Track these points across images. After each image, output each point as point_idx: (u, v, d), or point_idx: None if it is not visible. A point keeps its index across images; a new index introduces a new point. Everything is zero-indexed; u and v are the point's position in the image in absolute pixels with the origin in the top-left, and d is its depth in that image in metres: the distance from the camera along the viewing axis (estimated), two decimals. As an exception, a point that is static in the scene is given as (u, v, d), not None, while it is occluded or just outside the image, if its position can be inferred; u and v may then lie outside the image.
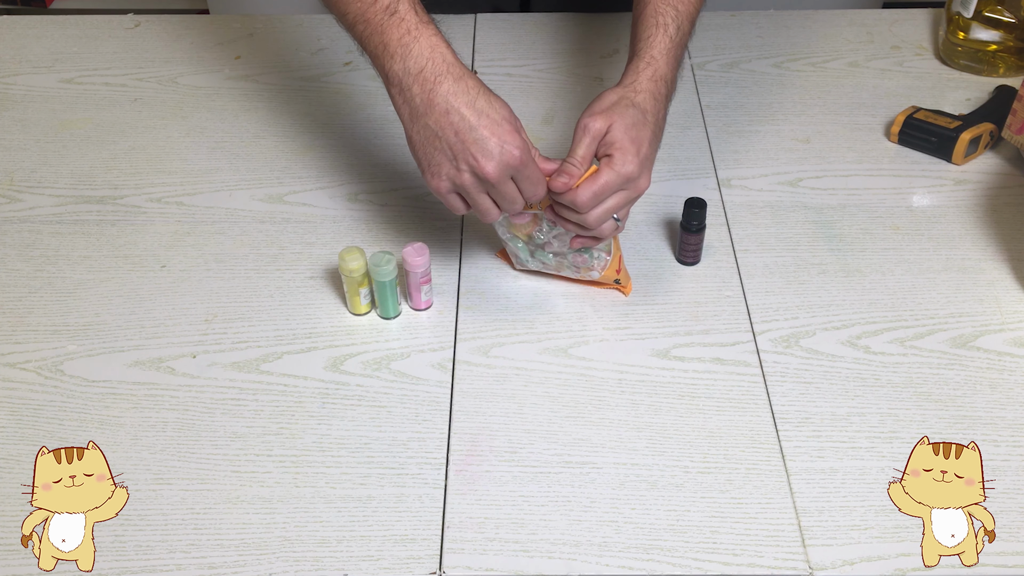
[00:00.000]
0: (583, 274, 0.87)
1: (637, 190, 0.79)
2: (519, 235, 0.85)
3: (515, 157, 0.73)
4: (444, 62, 0.74)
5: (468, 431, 0.77)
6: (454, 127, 0.73)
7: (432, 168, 0.76)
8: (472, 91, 0.73)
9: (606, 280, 0.87)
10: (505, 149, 0.73)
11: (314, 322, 0.86)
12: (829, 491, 0.73)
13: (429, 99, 0.73)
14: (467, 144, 0.73)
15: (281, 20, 1.27)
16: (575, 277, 0.88)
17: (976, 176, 1.01)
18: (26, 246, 0.94)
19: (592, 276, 0.86)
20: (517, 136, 0.74)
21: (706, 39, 1.22)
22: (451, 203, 0.78)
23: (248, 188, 1.01)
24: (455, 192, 0.77)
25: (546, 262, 0.86)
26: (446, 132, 0.73)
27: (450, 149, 0.74)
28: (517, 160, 0.73)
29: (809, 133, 1.07)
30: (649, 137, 0.78)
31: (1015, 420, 0.77)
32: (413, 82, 0.74)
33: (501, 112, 0.74)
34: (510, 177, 0.74)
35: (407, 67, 0.74)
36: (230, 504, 0.72)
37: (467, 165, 0.73)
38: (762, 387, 0.80)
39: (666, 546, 0.69)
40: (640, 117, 0.78)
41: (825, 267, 0.91)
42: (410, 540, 0.70)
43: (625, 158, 0.76)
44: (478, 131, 0.72)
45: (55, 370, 0.82)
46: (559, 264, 0.86)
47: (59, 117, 1.11)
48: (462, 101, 0.73)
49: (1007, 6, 1.12)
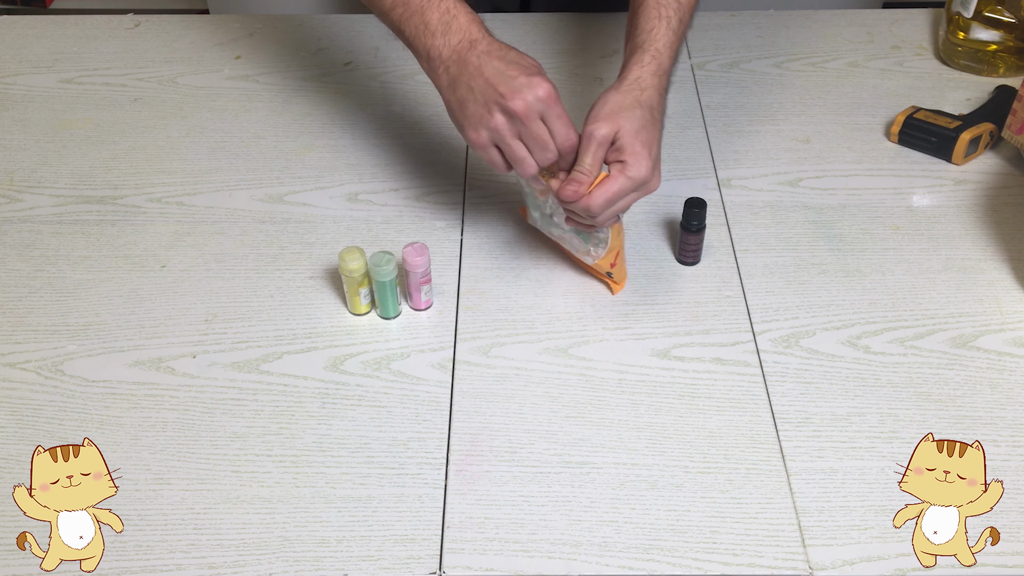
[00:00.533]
0: (581, 255, 0.87)
1: (648, 190, 0.79)
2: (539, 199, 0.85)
3: (543, 91, 0.74)
4: (480, 32, 0.79)
5: (468, 431, 0.77)
6: (485, 77, 0.76)
7: (468, 121, 0.78)
8: (504, 48, 0.78)
9: (599, 269, 0.87)
10: (533, 83, 0.74)
11: (314, 322, 0.86)
12: (829, 491, 0.73)
13: (465, 61, 0.78)
14: (496, 86, 0.75)
15: (281, 20, 1.27)
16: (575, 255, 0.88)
17: (976, 176, 1.01)
18: (26, 246, 0.94)
19: (586, 260, 0.87)
20: (545, 78, 0.75)
21: (706, 39, 1.22)
22: (491, 157, 0.79)
23: (248, 188, 1.01)
24: (493, 145, 0.78)
25: (553, 232, 0.87)
26: (478, 83, 0.76)
27: (482, 96, 0.76)
28: (545, 94, 0.74)
29: (809, 133, 1.07)
30: (658, 137, 0.79)
31: (1015, 420, 0.77)
32: (452, 52, 0.79)
33: (531, 61, 0.77)
34: (540, 117, 0.75)
35: (448, 41, 0.79)
36: (230, 504, 0.72)
37: (497, 105, 0.75)
38: (762, 387, 0.80)
39: (666, 546, 0.69)
40: (648, 117, 0.78)
41: (825, 267, 0.91)
42: (410, 540, 0.70)
43: (639, 163, 0.77)
44: (507, 73, 0.75)
45: (55, 370, 0.82)
46: (561, 239, 0.87)
47: (59, 117, 1.11)
48: (495, 56, 0.77)
49: (1007, 6, 1.12)
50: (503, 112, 0.75)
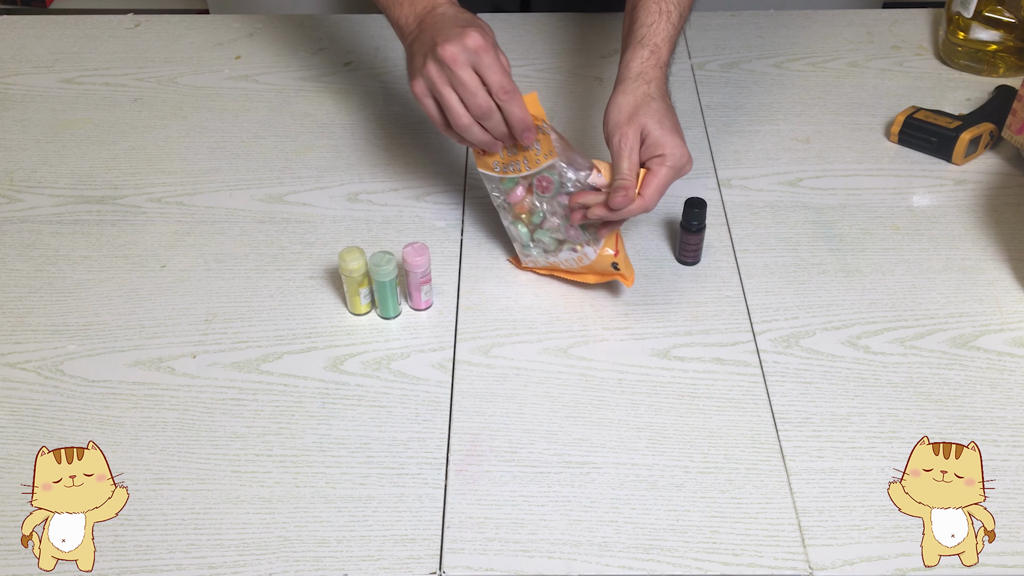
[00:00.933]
0: (579, 258, 0.85)
1: (686, 172, 0.81)
2: (521, 220, 0.85)
3: (473, 41, 0.75)
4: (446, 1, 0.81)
5: (468, 431, 0.77)
6: (430, 32, 0.78)
7: (410, 72, 0.80)
8: (459, 11, 0.80)
9: (602, 264, 0.84)
10: (465, 32, 0.75)
11: (314, 322, 0.86)
12: (829, 491, 0.73)
13: (423, 24, 0.81)
14: (434, 36, 0.77)
15: (281, 20, 1.27)
16: (574, 269, 0.87)
17: (976, 176, 1.01)
18: (26, 246, 0.94)
19: (588, 256, 0.84)
20: (481, 30, 0.76)
21: (706, 39, 1.22)
22: (426, 107, 0.80)
23: (248, 188, 1.01)
24: (430, 95, 0.79)
25: (546, 244, 0.86)
26: (423, 37, 0.79)
27: (421, 48, 0.79)
28: (474, 44, 0.75)
29: (809, 133, 1.07)
30: (676, 120, 0.81)
31: (1015, 420, 0.77)
32: (415, 19, 0.82)
33: (478, 20, 0.78)
34: (471, 65, 0.76)
35: (414, 10, 0.82)
36: (230, 504, 0.72)
37: (430, 53, 0.77)
38: (762, 387, 0.80)
39: (666, 546, 0.69)
40: (663, 105, 0.80)
41: (825, 267, 0.91)
42: (410, 540, 0.70)
43: (676, 151, 0.78)
44: (444, 26, 0.78)
45: (55, 370, 0.82)
46: (558, 248, 0.86)
47: (59, 117, 1.11)
48: (448, 17, 0.79)
49: (1007, 6, 1.12)
50: (435, 60, 0.76)
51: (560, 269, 0.88)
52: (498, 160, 0.83)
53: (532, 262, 0.89)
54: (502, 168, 0.83)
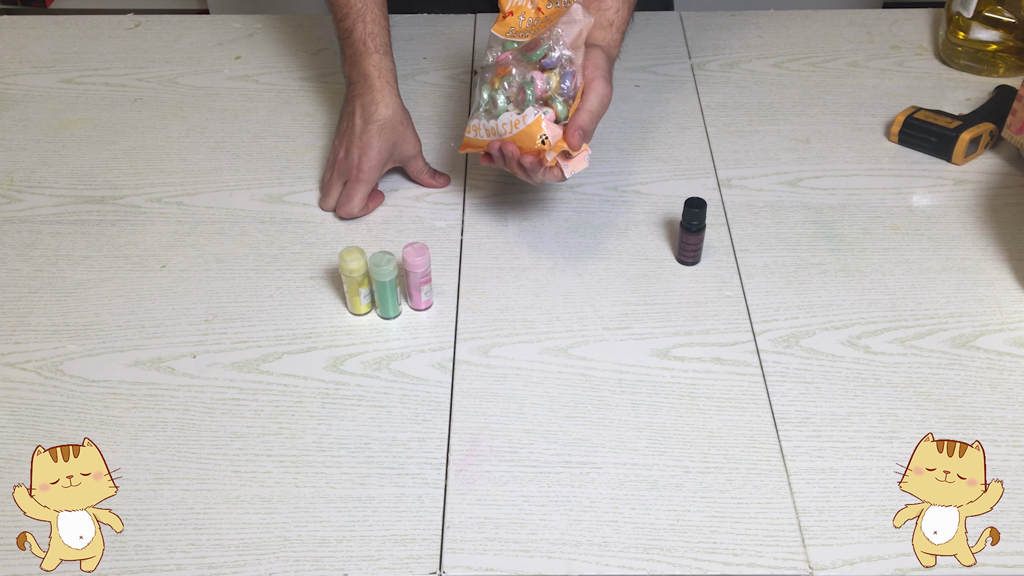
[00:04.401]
0: (517, 121, 0.83)
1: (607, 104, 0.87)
2: (491, 84, 0.87)
3: (363, 166, 0.95)
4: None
5: (468, 431, 0.77)
6: (360, 119, 0.97)
7: (338, 131, 1.00)
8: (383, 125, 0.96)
9: (533, 132, 0.82)
10: (364, 155, 0.96)
11: (314, 322, 0.86)
12: (829, 491, 0.73)
13: (355, 104, 0.97)
14: (356, 134, 0.97)
15: (281, 20, 1.27)
16: (506, 134, 0.84)
17: (976, 176, 1.01)
18: (26, 246, 0.94)
19: (527, 119, 0.82)
20: (373, 155, 0.95)
21: (706, 39, 1.22)
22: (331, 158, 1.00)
23: (248, 188, 1.01)
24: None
25: (494, 109, 0.86)
26: (354, 120, 0.96)
27: (350, 127, 0.97)
28: (359, 172, 0.96)
29: (809, 133, 1.07)
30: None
31: (1015, 420, 0.77)
32: (354, 90, 0.97)
33: (383, 137, 0.96)
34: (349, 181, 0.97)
35: (353, 89, 0.97)
36: (230, 504, 0.72)
37: (347, 145, 0.97)
38: (762, 387, 0.80)
39: (666, 546, 0.69)
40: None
41: (825, 267, 0.91)
42: (410, 540, 0.70)
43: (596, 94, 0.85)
44: (368, 128, 0.96)
45: (55, 370, 0.82)
46: (502, 112, 0.85)
47: (59, 117, 1.11)
48: (375, 121, 0.96)
49: (1007, 6, 1.12)
50: (344, 155, 0.97)
51: (494, 138, 0.86)
52: (513, 27, 0.90)
53: (474, 131, 0.88)
54: (513, 34, 0.90)
